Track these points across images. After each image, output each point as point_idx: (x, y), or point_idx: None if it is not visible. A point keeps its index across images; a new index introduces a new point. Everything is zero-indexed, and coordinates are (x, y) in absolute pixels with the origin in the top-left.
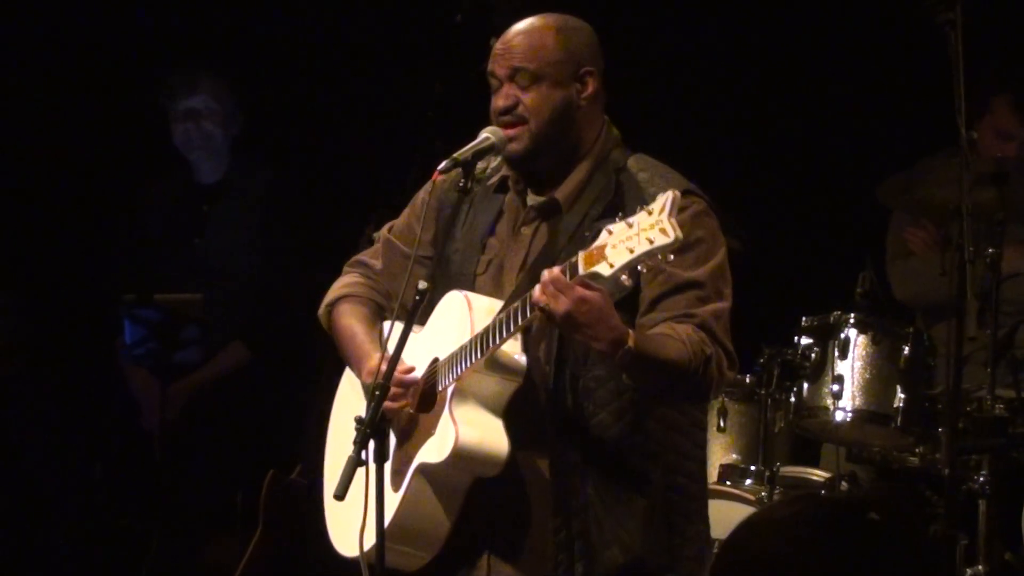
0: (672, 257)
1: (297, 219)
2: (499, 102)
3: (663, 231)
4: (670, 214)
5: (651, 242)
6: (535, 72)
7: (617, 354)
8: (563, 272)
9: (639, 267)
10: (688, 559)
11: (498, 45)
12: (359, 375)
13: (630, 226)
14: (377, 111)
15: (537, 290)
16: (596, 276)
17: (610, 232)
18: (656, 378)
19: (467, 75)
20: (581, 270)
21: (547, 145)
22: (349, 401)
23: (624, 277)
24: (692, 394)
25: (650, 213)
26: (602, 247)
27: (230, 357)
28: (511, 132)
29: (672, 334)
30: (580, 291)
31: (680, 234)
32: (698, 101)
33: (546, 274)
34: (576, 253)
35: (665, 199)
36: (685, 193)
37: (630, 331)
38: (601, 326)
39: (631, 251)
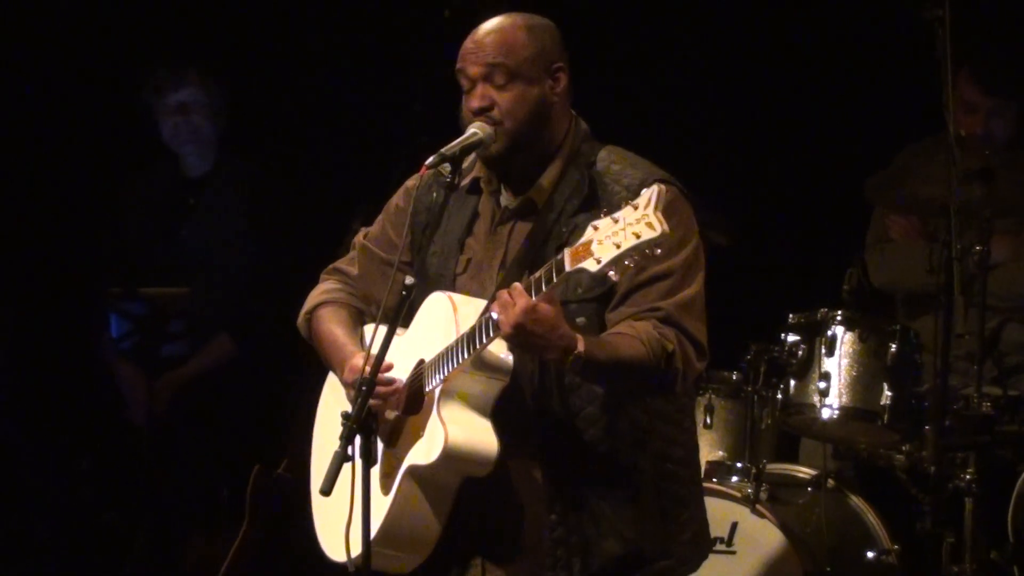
0: (659, 252)
1: (284, 212)
2: (473, 103)
3: (649, 225)
4: (655, 208)
5: (637, 236)
6: (511, 69)
7: (568, 360)
8: (549, 270)
9: (626, 262)
10: (683, 544)
11: (468, 44)
12: (341, 376)
13: (615, 221)
14: (364, 105)
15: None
16: (583, 272)
17: (596, 228)
18: (613, 378)
19: (454, 68)
20: (568, 267)
21: (523, 144)
22: (332, 408)
23: (611, 272)
24: (658, 388)
25: (635, 208)
26: (588, 243)
27: (216, 350)
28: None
29: (630, 332)
30: (531, 303)
31: (667, 228)
32: (685, 97)
33: (502, 294)
34: (555, 250)
35: (650, 193)
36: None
37: (579, 337)
38: (552, 335)
39: (617, 246)
